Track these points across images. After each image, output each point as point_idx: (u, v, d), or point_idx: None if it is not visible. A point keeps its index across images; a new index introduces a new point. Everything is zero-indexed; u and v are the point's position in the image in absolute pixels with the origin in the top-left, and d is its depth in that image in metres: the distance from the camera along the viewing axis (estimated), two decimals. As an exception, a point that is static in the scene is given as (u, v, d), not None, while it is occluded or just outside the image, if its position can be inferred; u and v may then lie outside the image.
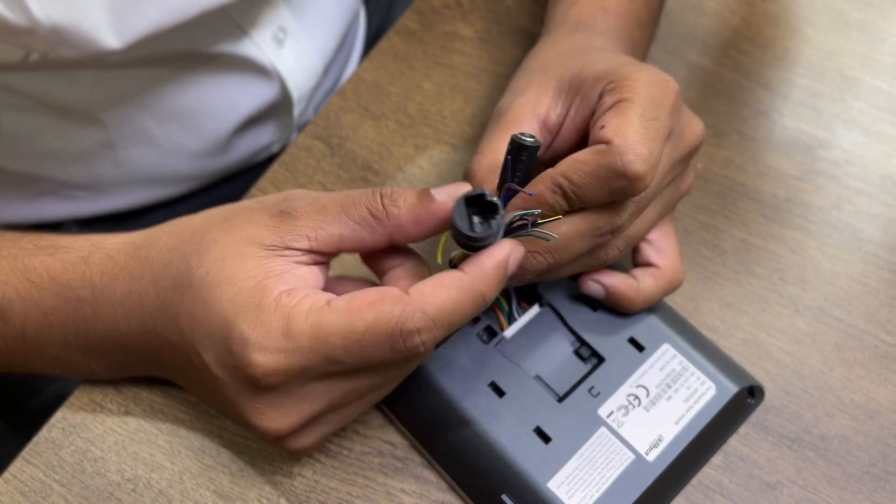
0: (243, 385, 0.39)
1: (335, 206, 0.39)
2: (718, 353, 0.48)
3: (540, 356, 0.47)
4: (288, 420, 0.39)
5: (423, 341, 0.37)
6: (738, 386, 0.46)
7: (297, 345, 0.37)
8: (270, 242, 0.39)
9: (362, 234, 0.39)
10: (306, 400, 0.39)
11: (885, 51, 0.63)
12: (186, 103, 0.61)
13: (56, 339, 0.44)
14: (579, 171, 0.39)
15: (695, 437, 0.45)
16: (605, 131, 0.40)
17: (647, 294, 0.47)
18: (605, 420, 0.45)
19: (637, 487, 0.44)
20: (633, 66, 0.43)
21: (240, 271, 0.38)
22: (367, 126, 0.59)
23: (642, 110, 0.41)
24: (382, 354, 0.37)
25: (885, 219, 0.55)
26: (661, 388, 0.46)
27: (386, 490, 0.45)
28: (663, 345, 0.47)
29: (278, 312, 0.37)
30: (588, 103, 0.43)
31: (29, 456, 0.46)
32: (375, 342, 0.37)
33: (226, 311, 0.38)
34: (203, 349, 0.39)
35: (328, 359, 0.37)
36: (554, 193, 0.40)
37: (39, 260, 0.44)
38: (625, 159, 0.39)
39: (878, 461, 0.47)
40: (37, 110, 0.58)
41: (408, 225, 0.39)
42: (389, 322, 0.36)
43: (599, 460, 0.44)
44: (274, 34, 0.62)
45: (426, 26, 0.64)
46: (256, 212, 0.40)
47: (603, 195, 0.40)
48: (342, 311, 0.37)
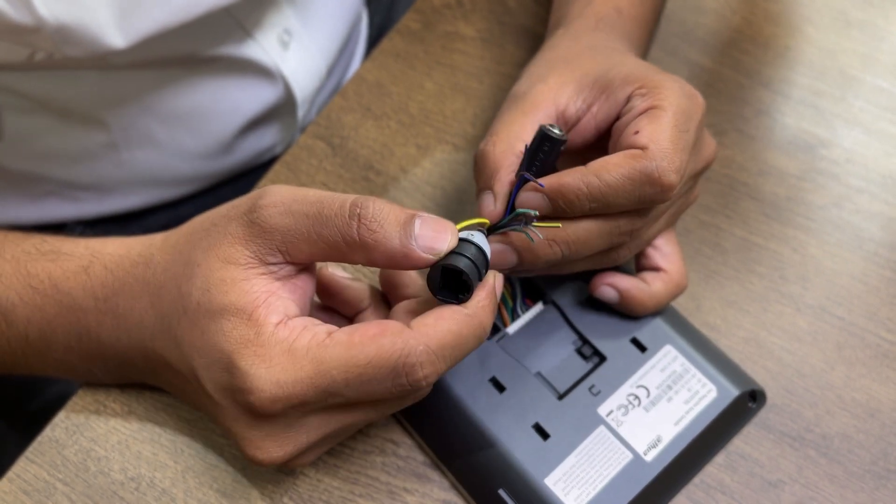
0: (241, 413, 0.39)
1: (306, 220, 0.37)
2: (721, 356, 0.48)
3: (542, 353, 0.47)
4: (282, 451, 0.39)
5: (425, 375, 0.36)
6: (740, 389, 0.47)
7: (298, 377, 0.36)
8: (245, 260, 0.38)
9: (332, 255, 0.38)
10: (302, 432, 0.39)
11: (885, 50, 0.63)
12: (190, 105, 0.61)
13: (59, 344, 0.44)
14: (613, 172, 0.40)
15: (694, 438, 0.45)
16: (640, 137, 0.41)
17: (658, 297, 0.47)
18: (605, 419, 0.45)
19: (634, 487, 0.44)
20: (664, 75, 0.44)
21: (228, 303, 0.38)
22: (369, 126, 0.59)
23: (675, 120, 0.41)
24: (384, 388, 0.37)
25: (885, 217, 0.56)
26: (661, 388, 0.46)
27: (388, 489, 0.46)
28: (665, 346, 0.47)
29: (279, 346, 0.37)
30: (614, 103, 0.44)
31: (32, 455, 0.46)
32: (377, 376, 0.36)
33: (222, 345, 0.37)
34: (202, 378, 0.39)
35: (329, 392, 0.37)
36: (579, 190, 0.40)
37: (41, 266, 0.44)
38: (660, 167, 0.40)
39: (880, 459, 0.47)
40: (40, 111, 0.58)
41: (381, 261, 0.37)
42: (392, 356, 0.36)
43: (597, 458, 0.44)
44: (279, 36, 0.62)
45: (427, 26, 0.64)
46: (231, 222, 0.39)
47: (631, 200, 0.40)
48: (344, 345, 0.36)
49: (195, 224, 0.42)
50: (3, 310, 0.44)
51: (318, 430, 0.39)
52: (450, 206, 0.55)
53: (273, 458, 0.39)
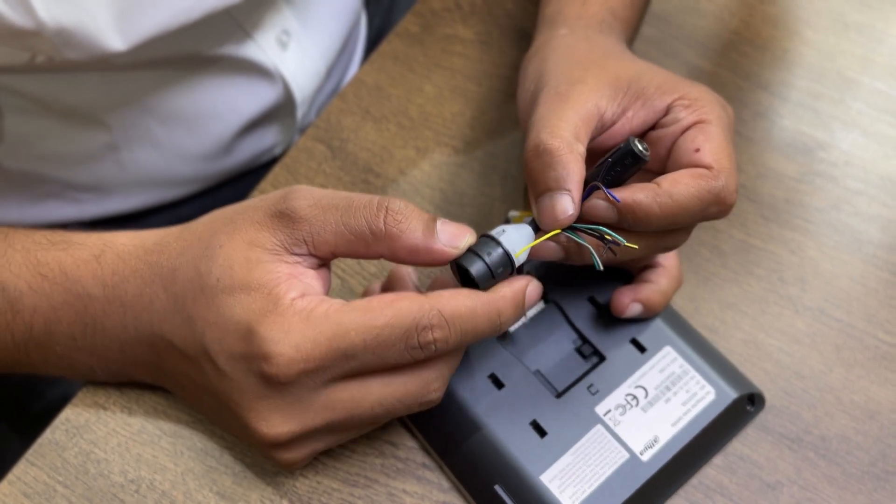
0: (253, 384, 0.39)
1: (335, 212, 0.39)
2: (720, 359, 0.48)
3: (541, 351, 0.47)
4: (287, 427, 0.39)
5: (435, 338, 0.38)
6: (738, 392, 0.47)
7: (316, 340, 0.37)
8: (271, 246, 0.40)
9: (357, 246, 0.40)
10: (310, 410, 0.39)
11: (883, 52, 0.63)
12: (190, 106, 0.61)
13: (63, 335, 0.44)
14: (684, 192, 0.40)
15: (691, 440, 0.45)
16: (703, 156, 0.41)
17: (667, 294, 0.48)
18: (602, 418, 0.45)
19: (629, 486, 0.44)
20: (697, 85, 0.45)
21: (250, 280, 0.39)
22: (368, 128, 0.59)
23: (726, 136, 0.42)
24: (397, 350, 0.38)
25: (884, 219, 0.56)
26: (659, 389, 0.46)
27: (388, 491, 0.46)
28: (665, 347, 0.48)
29: (297, 314, 0.38)
30: (651, 111, 0.44)
31: (33, 458, 0.46)
32: (392, 337, 0.37)
33: (240, 318, 0.38)
34: (214, 352, 0.39)
35: (346, 354, 0.37)
36: (651, 209, 0.40)
37: (52, 255, 0.44)
38: (727, 187, 0.41)
39: (878, 461, 0.47)
40: (41, 113, 0.58)
41: (402, 252, 0.39)
42: (407, 317, 0.37)
43: (594, 457, 0.44)
44: (277, 37, 0.62)
45: (426, 29, 0.64)
46: (258, 211, 0.41)
47: (695, 219, 0.41)
48: (362, 309, 0.38)
49: (216, 214, 0.43)
50: (10, 298, 0.44)
51: (325, 413, 0.39)
52: (449, 208, 0.55)
53: (278, 433, 0.39)
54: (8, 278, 0.44)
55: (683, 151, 0.42)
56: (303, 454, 0.42)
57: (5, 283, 0.44)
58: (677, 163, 0.42)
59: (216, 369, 0.40)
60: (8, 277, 0.44)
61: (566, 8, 0.53)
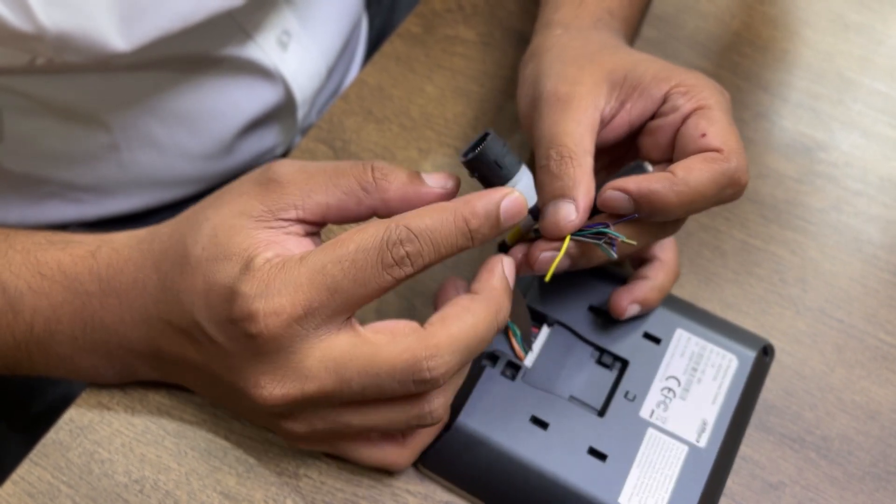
0: (244, 347, 0.39)
1: (323, 174, 0.40)
2: (725, 323, 0.49)
3: (567, 376, 0.47)
4: (282, 390, 0.38)
5: (408, 252, 0.38)
6: (755, 350, 0.48)
7: (296, 284, 0.37)
8: (258, 213, 0.40)
9: (349, 203, 0.40)
10: (303, 368, 0.38)
11: (883, 53, 0.64)
12: (191, 106, 0.61)
13: (64, 334, 0.44)
14: (699, 177, 0.40)
15: (734, 409, 0.46)
16: (711, 139, 0.41)
17: (665, 288, 0.48)
18: (650, 420, 0.45)
19: (700, 475, 0.44)
20: (693, 73, 0.45)
21: (233, 245, 0.39)
22: (371, 129, 0.59)
23: (729, 119, 0.42)
24: (376, 273, 0.37)
25: (884, 220, 0.56)
26: (688, 373, 0.47)
27: (391, 490, 0.46)
28: (676, 331, 0.48)
29: (272, 267, 0.38)
30: (650, 101, 0.44)
31: (36, 458, 0.46)
32: (368, 259, 0.37)
33: (223, 281, 0.39)
34: (203, 319, 0.40)
35: (328, 288, 0.37)
36: (668, 198, 0.40)
37: (51, 254, 0.44)
38: (739, 167, 0.41)
39: (880, 461, 0.48)
40: (42, 113, 0.58)
41: (394, 201, 0.40)
42: (375, 236, 0.37)
43: (658, 462, 0.44)
44: (278, 37, 0.62)
45: (428, 30, 0.64)
46: (245, 183, 0.41)
47: (711, 203, 0.41)
48: (331, 244, 0.38)
49: (204, 199, 0.43)
50: (10, 299, 0.44)
51: (317, 379, 0.38)
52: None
53: (273, 398, 0.39)
54: (8, 278, 0.44)
55: (690, 138, 0.42)
56: (305, 427, 0.41)
57: (6, 284, 0.44)
58: (685, 150, 0.42)
59: (208, 339, 0.40)
60: (8, 278, 0.44)
61: (562, 9, 0.53)
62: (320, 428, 0.41)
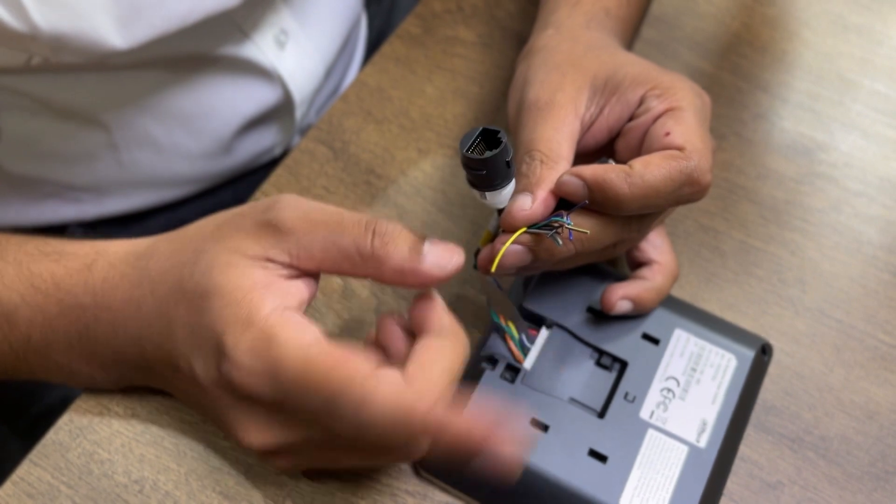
0: (227, 394, 0.39)
1: (325, 228, 0.39)
2: (724, 323, 0.49)
3: (567, 378, 0.47)
4: (263, 439, 0.39)
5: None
6: (754, 349, 0.48)
7: (272, 373, 0.37)
8: (252, 253, 0.39)
9: (343, 264, 0.39)
10: (285, 425, 0.39)
11: (882, 54, 0.64)
12: (188, 105, 0.61)
13: (60, 345, 0.44)
14: (655, 173, 0.40)
15: (734, 409, 0.46)
16: (674, 138, 0.41)
17: (662, 290, 0.48)
18: (650, 421, 0.45)
19: (701, 475, 0.44)
20: (672, 75, 0.44)
21: (227, 282, 0.39)
22: (370, 130, 0.59)
23: (697, 120, 0.42)
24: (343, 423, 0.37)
25: (883, 220, 0.56)
26: (687, 374, 0.47)
27: (390, 491, 0.46)
28: (675, 331, 0.48)
29: (264, 333, 0.37)
30: (626, 104, 0.44)
31: (36, 458, 0.46)
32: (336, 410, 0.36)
33: (215, 323, 0.38)
34: (193, 357, 0.40)
35: (294, 400, 0.37)
36: (622, 189, 0.40)
37: (44, 266, 0.44)
38: (699, 167, 0.40)
39: (878, 461, 0.48)
40: (40, 112, 0.58)
41: (388, 273, 0.39)
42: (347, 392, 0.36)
43: (658, 462, 0.44)
44: (275, 36, 0.62)
45: (428, 31, 0.64)
46: (246, 219, 0.40)
47: (669, 201, 0.41)
48: (313, 363, 0.36)
49: (207, 220, 0.43)
50: (5, 311, 0.44)
51: (300, 430, 0.39)
52: (452, 210, 0.56)
53: (256, 444, 0.39)
54: (1, 291, 0.44)
55: (655, 137, 0.42)
56: (291, 463, 0.42)
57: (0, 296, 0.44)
58: (649, 149, 0.42)
59: (193, 377, 0.40)
60: (1, 290, 0.44)
61: (558, 9, 0.53)
62: (304, 465, 0.42)
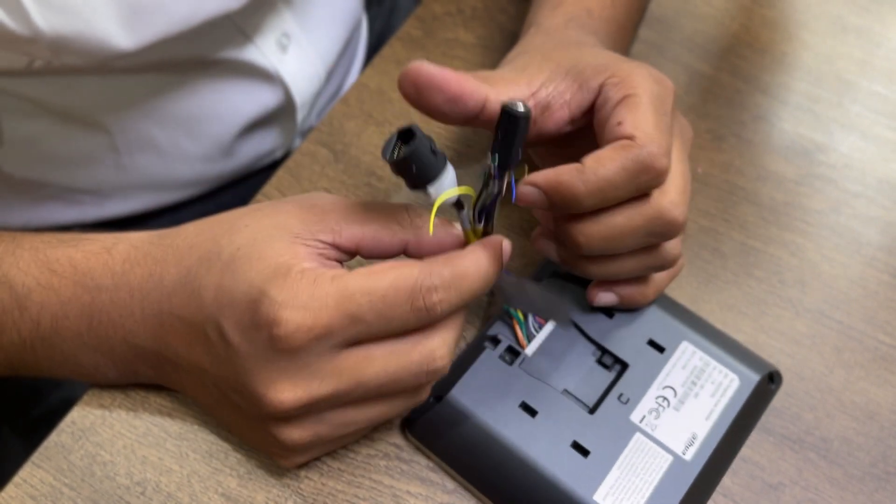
0: (261, 349, 0.39)
1: (361, 206, 0.42)
2: (735, 345, 0.49)
3: (565, 370, 0.47)
4: (294, 393, 0.39)
5: (440, 300, 0.39)
6: (760, 374, 0.48)
7: (323, 302, 0.38)
8: (297, 230, 0.40)
9: (383, 235, 0.41)
10: (317, 377, 0.39)
11: (881, 55, 0.64)
12: (190, 108, 0.61)
13: (69, 331, 0.44)
14: (608, 166, 0.40)
15: (727, 429, 0.46)
16: (625, 127, 0.41)
17: (659, 285, 0.48)
18: (639, 425, 0.45)
19: (680, 488, 0.44)
20: (633, 63, 0.44)
21: (270, 250, 0.40)
22: (371, 132, 0.59)
23: (653, 106, 0.42)
24: (403, 312, 0.38)
25: (883, 222, 0.56)
26: (686, 386, 0.47)
27: (392, 492, 0.46)
28: (682, 343, 0.48)
29: (305, 278, 0.38)
30: (587, 92, 0.44)
31: (38, 460, 0.46)
32: (397, 299, 0.38)
33: (254, 279, 0.39)
34: (223, 316, 0.40)
35: (352, 317, 0.38)
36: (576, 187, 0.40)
37: (62, 251, 0.45)
38: (651, 153, 0.40)
39: (879, 462, 0.48)
40: (41, 115, 0.58)
41: (426, 238, 0.41)
42: (409, 278, 0.38)
43: (640, 466, 0.44)
44: (277, 40, 0.62)
45: (428, 33, 0.64)
46: (286, 203, 0.42)
47: (629, 191, 0.41)
48: (365, 273, 0.39)
49: (238, 209, 0.44)
50: (17, 296, 0.44)
51: (332, 380, 0.39)
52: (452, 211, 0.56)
53: (284, 400, 0.39)
54: (16, 275, 0.44)
55: (609, 128, 0.42)
56: (311, 432, 0.41)
57: (13, 281, 0.44)
58: (605, 140, 0.42)
59: (222, 339, 0.40)
60: (16, 275, 0.44)
61: (541, 10, 0.53)
62: (323, 433, 0.42)
